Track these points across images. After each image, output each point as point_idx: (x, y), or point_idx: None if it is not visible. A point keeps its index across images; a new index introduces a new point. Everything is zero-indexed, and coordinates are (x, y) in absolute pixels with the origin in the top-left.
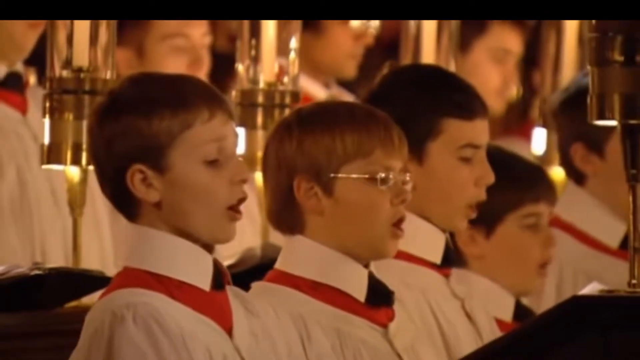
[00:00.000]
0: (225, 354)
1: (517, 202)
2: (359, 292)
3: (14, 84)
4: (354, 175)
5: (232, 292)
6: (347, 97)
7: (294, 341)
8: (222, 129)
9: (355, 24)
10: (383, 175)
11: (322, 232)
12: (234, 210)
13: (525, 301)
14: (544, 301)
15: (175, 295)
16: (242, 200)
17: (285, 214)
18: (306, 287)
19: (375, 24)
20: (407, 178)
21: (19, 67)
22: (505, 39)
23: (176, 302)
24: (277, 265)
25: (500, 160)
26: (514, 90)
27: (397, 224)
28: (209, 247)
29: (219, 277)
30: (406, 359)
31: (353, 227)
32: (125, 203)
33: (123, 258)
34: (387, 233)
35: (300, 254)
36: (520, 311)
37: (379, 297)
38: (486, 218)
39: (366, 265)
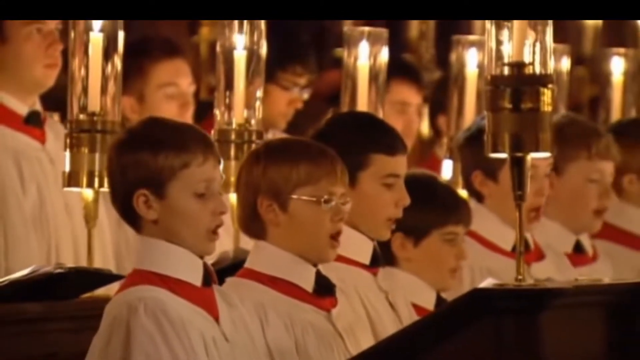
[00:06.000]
0: (215, 337)
1: (443, 222)
2: (308, 284)
3: (34, 120)
4: (304, 197)
5: (216, 288)
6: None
7: (255, 323)
8: (211, 171)
9: (293, 92)
10: (326, 197)
11: (279, 239)
12: (213, 233)
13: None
14: (459, 292)
15: (174, 290)
16: (219, 226)
17: (251, 224)
18: (267, 280)
19: (307, 93)
20: (347, 200)
21: (38, 106)
22: (404, 94)
23: (175, 296)
24: (246, 264)
25: (434, 188)
26: (415, 132)
27: (335, 236)
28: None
29: (208, 277)
30: (345, 337)
31: (302, 237)
32: (131, 218)
33: (133, 262)
34: (327, 243)
35: (263, 256)
36: (440, 302)
37: (324, 288)
38: (416, 231)
39: (314, 264)
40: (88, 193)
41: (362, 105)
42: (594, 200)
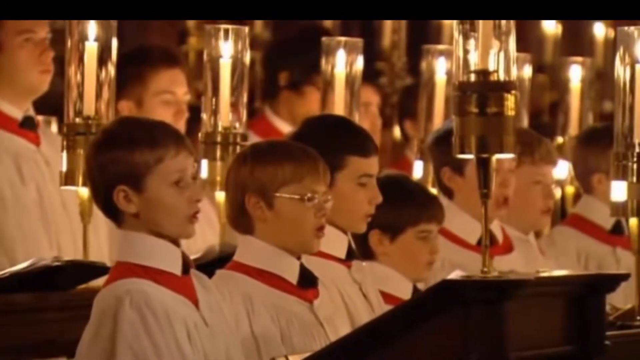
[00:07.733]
0: (196, 322)
1: (417, 220)
2: (292, 277)
3: (29, 124)
4: (289, 195)
5: (193, 274)
6: None
7: (242, 315)
8: (184, 162)
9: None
10: (310, 195)
11: (266, 234)
12: (192, 217)
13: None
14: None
15: (157, 280)
16: (197, 212)
17: (239, 220)
18: (254, 273)
19: None
20: (329, 198)
21: (32, 111)
22: (365, 95)
23: (159, 286)
24: (235, 257)
25: (408, 188)
26: (379, 130)
27: (319, 229)
28: (176, 243)
29: (186, 265)
30: (326, 326)
31: (287, 232)
32: (112, 213)
33: (115, 255)
34: (311, 236)
35: (251, 250)
36: (416, 293)
37: (307, 281)
38: (392, 228)
39: (298, 258)
40: (83, 191)
41: (339, 109)
42: (539, 201)
